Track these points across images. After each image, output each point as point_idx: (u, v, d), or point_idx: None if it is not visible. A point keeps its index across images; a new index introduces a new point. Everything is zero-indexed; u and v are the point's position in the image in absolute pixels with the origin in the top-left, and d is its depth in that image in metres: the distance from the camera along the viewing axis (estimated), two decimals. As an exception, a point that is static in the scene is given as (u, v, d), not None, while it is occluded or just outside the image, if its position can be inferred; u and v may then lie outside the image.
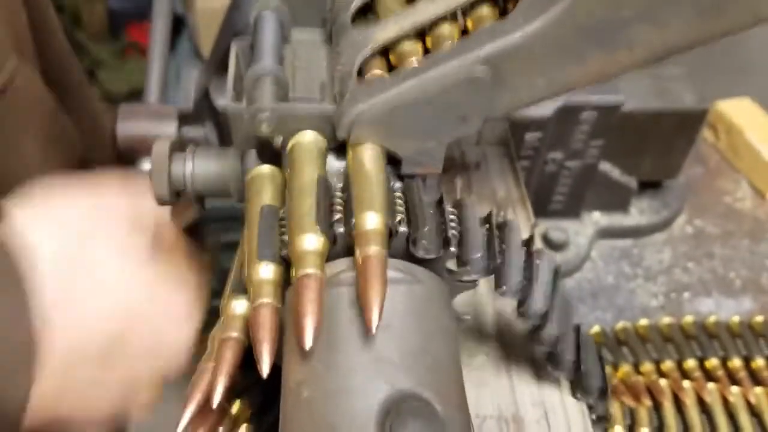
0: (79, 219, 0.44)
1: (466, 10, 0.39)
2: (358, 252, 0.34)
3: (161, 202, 0.45)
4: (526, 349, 0.47)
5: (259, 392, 0.41)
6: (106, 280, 0.44)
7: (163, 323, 0.46)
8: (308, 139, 0.40)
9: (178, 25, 1.22)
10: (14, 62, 0.53)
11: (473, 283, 0.38)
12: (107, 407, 0.46)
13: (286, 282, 0.36)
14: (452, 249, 0.36)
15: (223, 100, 0.63)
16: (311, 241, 0.34)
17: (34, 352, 0.40)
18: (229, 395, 0.36)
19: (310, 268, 0.33)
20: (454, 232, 0.37)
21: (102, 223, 0.45)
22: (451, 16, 0.40)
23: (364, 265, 0.33)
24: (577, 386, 0.44)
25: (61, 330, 0.41)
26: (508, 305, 0.49)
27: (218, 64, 0.74)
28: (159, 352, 0.46)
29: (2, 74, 0.52)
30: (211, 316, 0.47)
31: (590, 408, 0.44)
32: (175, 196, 0.45)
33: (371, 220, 0.35)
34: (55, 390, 0.42)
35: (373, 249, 0.34)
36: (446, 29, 0.39)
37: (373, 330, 0.32)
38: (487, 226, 0.39)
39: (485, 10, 0.39)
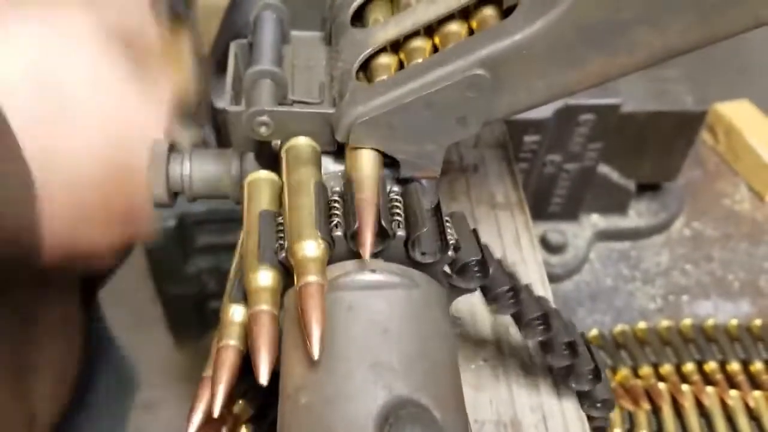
0: (42, 41, 0.42)
1: (468, 12, 0.39)
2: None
3: (159, 204, 0.45)
4: (524, 353, 0.47)
5: (258, 395, 0.41)
6: (90, 104, 0.42)
7: (147, 140, 0.44)
8: (303, 143, 0.40)
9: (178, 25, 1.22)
10: None
11: (471, 289, 0.38)
12: (113, 233, 0.46)
13: (284, 287, 0.36)
14: (450, 253, 0.36)
15: (222, 102, 0.63)
16: (312, 248, 0.34)
17: (33, 192, 0.39)
18: (230, 401, 0.36)
19: (312, 276, 0.33)
20: (451, 236, 0.37)
21: (69, 35, 0.43)
22: (452, 16, 0.40)
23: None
24: (586, 397, 0.44)
25: (53, 161, 0.40)
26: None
27: (217, 65, 0.74)
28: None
29: None
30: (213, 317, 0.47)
31: (592, 419, 0.44)
32: (173, 196, 0.45)
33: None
34: (67, 219, 0.42)
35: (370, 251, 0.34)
36: (451, 28, 0.39)
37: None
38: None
39: (487, 12, 0.39)
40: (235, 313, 0.37)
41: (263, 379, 0.32)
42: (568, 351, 0.43)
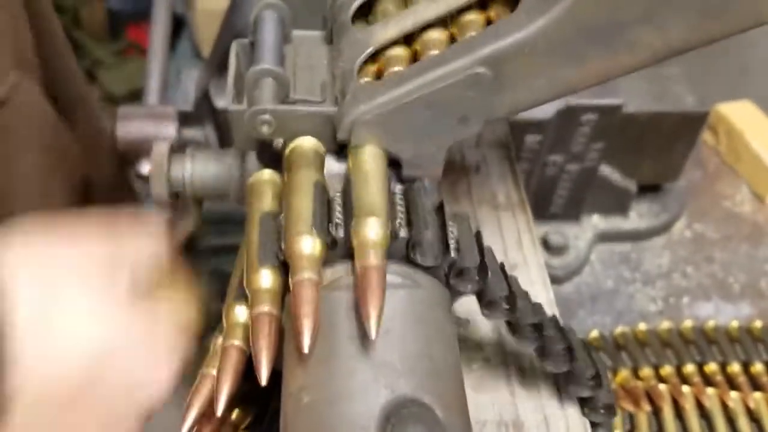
0: (55, 263, 0.44)
1: (467, 12, 0.39)
2: (357, 261, 0.34)
3: (160, 203, 0.45)
4: (526, 354, 0.47)
5: (257, 399, 0.41)
6: (78, 321, 0.43)
7: (140, 362, 0.45)
8: (306, 143, 0.39)
9: (178, 25, 1.22)
10: (15, 77, 0.53)
11: (468, 292, 0.38)
12: None
13: (286, 288, 0.36)
14: (452, 254, 0.36)
15: (224, 101, 0.63)
16: (307, 245, 0.34)
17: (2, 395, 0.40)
18: (232, 403, 0.36)
19: (306, 272, 0.33)
20: (453, 239, 0.37)
21: (78, 266, 0.45)
22: (452, 18, 0.40)
23: (363, 275, 0.33)
24: (587, 402, 0.44)
25: (31, 371, 0.41)
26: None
27: (218, 64, 0.74)
28: (136, 391, 0.45)
29: (2, 88, 0.52)
30: (213, 318, 0.47)
31: (595, 425, 0.44)
32: (174, 197, 0.45)
33: (371, 228, 0.34)
34: (25, 429, 0.41)
35: (373, 259, 0.34)
36: (443, 32, 0.39)
37: (373, 336, 0.32)
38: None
39: (488, 12, 0.39)
40: (240, 313, 0.37)
41: (263, 378, 0.32)
42: (565, 357, 0.42)
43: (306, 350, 0.31)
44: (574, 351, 0.42)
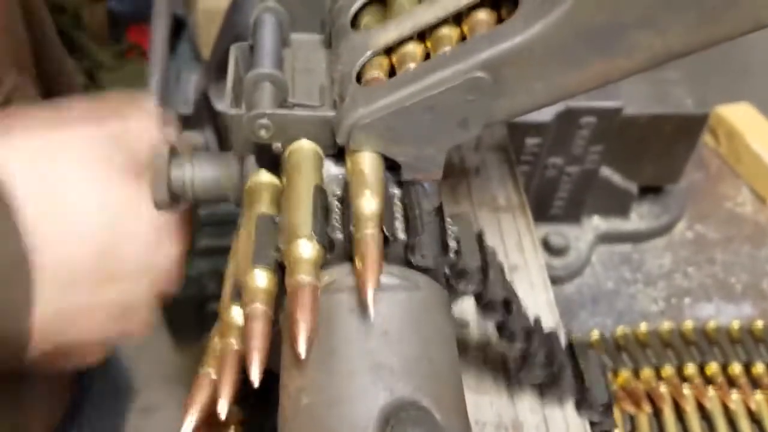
0: (55, 147, 0.44)
1: (468, 14, 0.39)
2: (357, 261, 0.34)
3: (160, 207, 0.45)
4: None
5: (250, 398, 0.41)
6: (86, 199, 0.44)
7: (151, 239, 0.45)
8: (305, 146, 0.40)
9: (179, 27, 1.22)
10: (14, 78, 0.53)
11: (468, 293, 0.38)
12: (107, 330, 0.46)
13: (281, 289, 0.36)
14: (451, 257, 0.36)
15: (223, 104, 0.63)
16: (306, 248, 0.34)
17: (27, 272, 0.40)
18: (232, 401, 0.36)
19: (304, 275, 0.33)
20: (452, 240, 0.37)
21: (78, 147, 0.45)
22: (453, 19, 0.40)
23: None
24: (582, 403, 0.44)
25: (49, 253, 0.41)
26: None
27: (218, 67, 0.74)
28: (150, 268, 0.46)
29: (3, 88, 0.52)
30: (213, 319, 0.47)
31: (594, 425, 0.44)
32: (175, 200, 0.45)
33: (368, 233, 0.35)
34: (54, 315, 0.42)
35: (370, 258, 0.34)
36: (447, 32, 0.39)
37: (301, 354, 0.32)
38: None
39: (484, 15, 0.39)
40: (236, 313, 0.37)
41: (255, 378, 0.32)
42: (546, 366, 0.42)
43: (303, 356, 0.32)
44: (555, 357, 0.42)
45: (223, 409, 0.34)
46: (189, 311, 1.23)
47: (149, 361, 1.19)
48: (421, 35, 0.40)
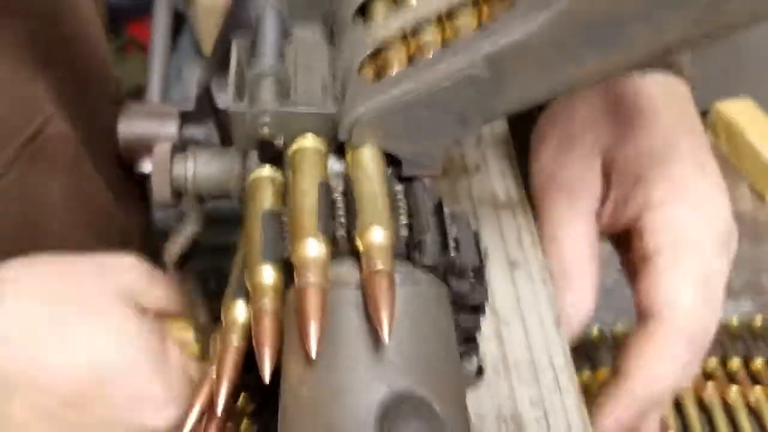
0: (53, 293, 0.45)
1: (458, 11, 0.39)
2: (364, 264, 0.34)
3: (162, 203, 0.45)
4: (524, 347, 0.47)
5: (259, 389, 0.41)
6: (75, 342, 0.44)
7: (142, 373, 0.45)
8: (310, 143, 0.40)
9: (179, 22, 1.22)
10: (47, 112, 0.54)
11: (463, 291, 0.38)
12: None
13: (287, 284, 0.36)
14: (452, 254, 0.36)
15: (225, 99, 0.63)
16: (314, 247, 0.34)
17: None
18: (233, 397, 0.36)
19: (313, 276, 0.33)
20: (452, 238, 0.37)
21: (76, 295, 0.46)
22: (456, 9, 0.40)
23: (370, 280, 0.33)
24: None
25: (23, 388, 0.42)
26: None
27: (220, 62, 0.74)
28: (136, 404, 0.45)
29: (33, 125, 0.53)
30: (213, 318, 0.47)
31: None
32: (177, 197, 0.45)
33: (377, 234, 0.35)
34: None
35: (380, 264, 0.34)
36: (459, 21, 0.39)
37: (386, 340, 0.32)
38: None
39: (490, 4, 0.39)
40: (239, 311, 0.37)
41: (267, 375, 0.33)
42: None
43: (314, 356, 0.32)
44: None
45: (219, 406, 0.34)
46: (190, 309, 1.23)
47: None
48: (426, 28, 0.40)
